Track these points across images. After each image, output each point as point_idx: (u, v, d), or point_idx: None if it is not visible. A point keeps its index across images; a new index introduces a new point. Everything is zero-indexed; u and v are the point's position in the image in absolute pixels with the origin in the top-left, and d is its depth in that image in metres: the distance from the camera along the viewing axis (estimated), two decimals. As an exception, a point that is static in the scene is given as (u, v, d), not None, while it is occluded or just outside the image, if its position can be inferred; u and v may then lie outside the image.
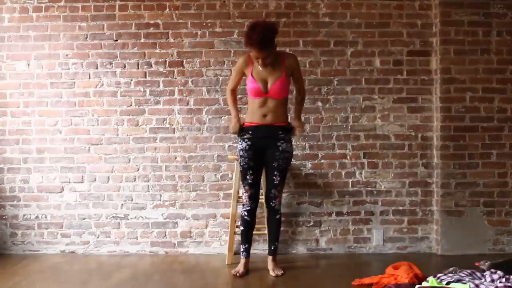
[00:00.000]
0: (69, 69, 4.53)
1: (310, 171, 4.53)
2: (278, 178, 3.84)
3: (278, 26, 3.78)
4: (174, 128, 4.53)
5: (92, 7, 4.50)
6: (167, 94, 4.52)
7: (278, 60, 3.78)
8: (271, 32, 3.63)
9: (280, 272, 3.87)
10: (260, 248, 4.47)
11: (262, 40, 3.57)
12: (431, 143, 4.54)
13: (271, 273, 3.88)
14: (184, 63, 4.53)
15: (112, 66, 4.53)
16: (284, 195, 4.51)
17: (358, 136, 4.54)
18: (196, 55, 4.52)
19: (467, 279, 3.36)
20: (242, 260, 3.94)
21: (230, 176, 4.49)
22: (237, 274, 3.84)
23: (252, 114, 3.80)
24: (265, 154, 3.83)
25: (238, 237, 4.43)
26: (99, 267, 4.10)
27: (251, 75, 3.77)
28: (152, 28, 4.52)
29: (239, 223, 4.03)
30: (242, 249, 3.94)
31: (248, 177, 3.84)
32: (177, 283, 3.69)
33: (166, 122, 4.53)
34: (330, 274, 3.92)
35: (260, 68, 3.75)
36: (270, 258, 3.95)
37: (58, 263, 4.21)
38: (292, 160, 4.44)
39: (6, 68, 4.53)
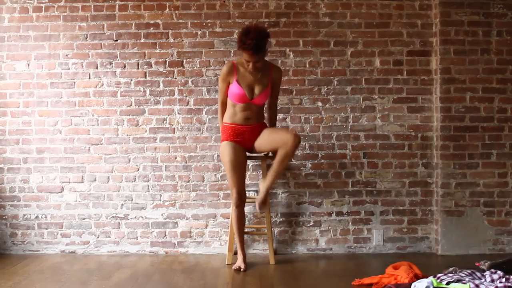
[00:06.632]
0: (69, 69, 4.53)
1: (310, 171, 4.53)
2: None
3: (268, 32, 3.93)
4: (174, 128, 4.53)
5: (92, 7, 4.50)
6: (167, 94, 4.52)
7: (265, 69, 3.96)
8: (264, 36, 3.81)
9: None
10: (260, 248, 4.48)
11: (256, 44, 3.73)
12: (431, 143, 4.54)
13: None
14: (184, 63, 4.53)
15: (112, 66, 4.53)
16: (284, 195, 4.51)
17: (358, 136, 4.54)
18: (196, 55, 4.52)
19: (467, 279, 3.36)
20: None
21: (230, 176, 4.49)
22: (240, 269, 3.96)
23: (234, 116, 3.96)
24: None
25: (238, 237, 4.46)
26: (99, 267, 4.10)
27: (236, 81, 3.89)
28: (152, 28, 4.52)
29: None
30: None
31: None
32: (177, 283, 3.68)
33: (166, 122, 4.53)
34: (330, 274, 3.92)
35: (248, 73, 3.90)
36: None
37: (58, 263, 4.21)
38: (292, 160, 4.45)
39: (6, 68, 4.53)
